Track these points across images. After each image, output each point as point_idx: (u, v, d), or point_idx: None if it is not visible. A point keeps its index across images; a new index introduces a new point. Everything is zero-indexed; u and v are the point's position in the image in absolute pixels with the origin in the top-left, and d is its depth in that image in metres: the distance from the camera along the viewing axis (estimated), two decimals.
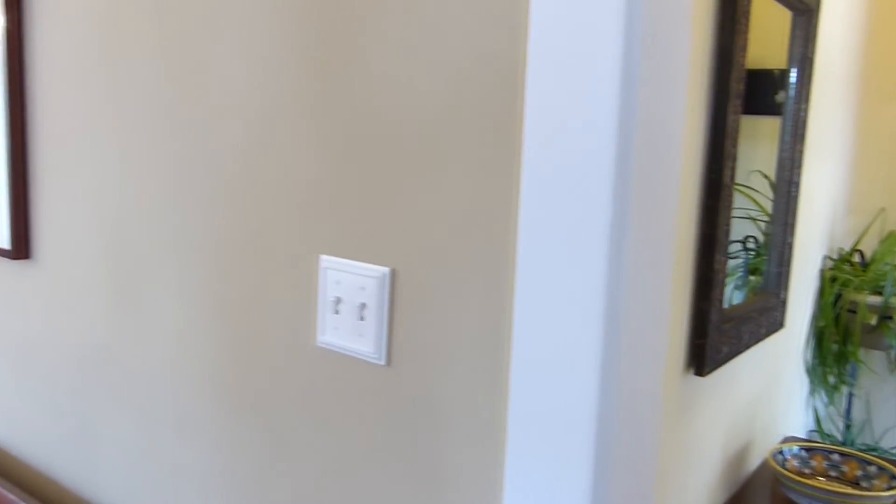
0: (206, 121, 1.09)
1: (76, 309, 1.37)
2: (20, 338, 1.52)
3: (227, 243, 1.08)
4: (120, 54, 1.23)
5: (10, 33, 1.40)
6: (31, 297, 1.48)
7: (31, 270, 1.47)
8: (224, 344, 1.10)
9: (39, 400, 1.49)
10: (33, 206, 1.45)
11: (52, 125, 1.38)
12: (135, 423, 1.27)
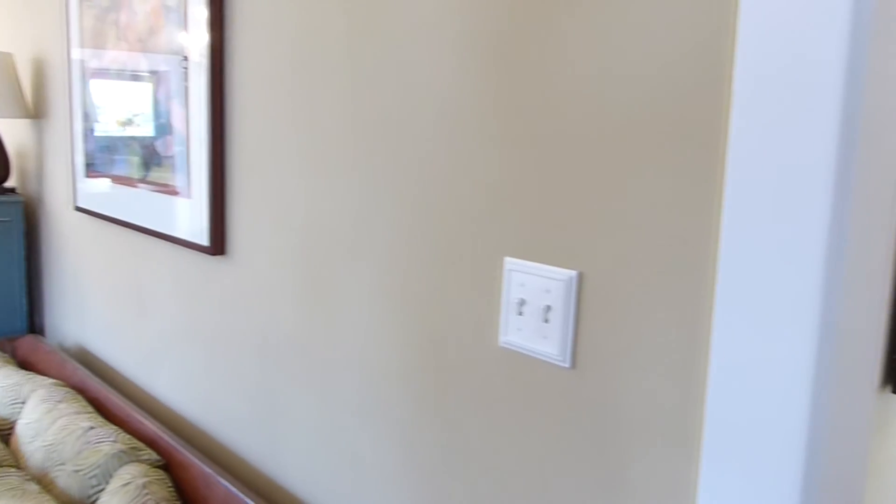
0: (393, 123, 1.14)
1: (266, 301, 1.47)
2: (215, 326, 1.65)
3: (412, 243, 1.12)
4: (311, 65, 1.31)
5: (214, 50, 1.53)
6: (226, 290, 1.60)
7: (225, 265, 1.60)
8: (408, 340, 1.15)
9: (230, 384, 1.60)
10: (229, 206, 1.57)
11: (247, 132, 1.49)
12: (318, 411, 1.35)
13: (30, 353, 2.38)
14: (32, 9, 2.69)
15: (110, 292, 2.17)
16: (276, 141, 1.40)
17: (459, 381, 1.07)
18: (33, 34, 2.68)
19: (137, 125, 1.88)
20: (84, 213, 2.25)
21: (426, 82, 1.08)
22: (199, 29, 1.56)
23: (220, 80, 1.54)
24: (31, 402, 1.88)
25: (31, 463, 1.69)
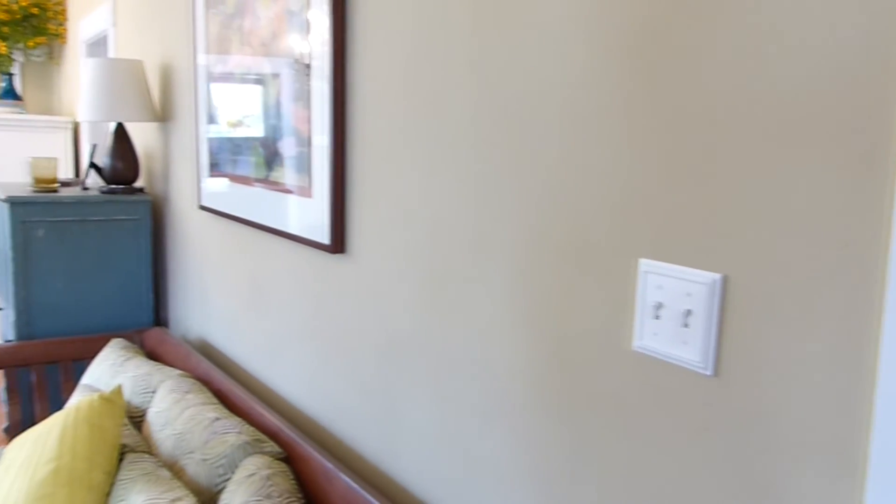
0: (520, 120, 1.12)
1: (385, 299, 1.49)
2: (333, 322, 1.68)
3: (540, 242, 1.10)
4: (433, 63, 1.31)
5: (335, 52, 1.55)
6: (345, 287, 1.63)
7: (345, 263, 1.62)
8: (534, 341, 1.13)
9: (349, 380, 1.63)
10: (348, 205, 1.60)
11: (368, 132, 1.50)
12: (437, 410, 1.35)
13: (157, 345, 2.50)
14: (160, 18, 2.83)
15: (232, 288, 2.25)
16: (398, 139, 1.41)
17: (589, 385, 1.04)
18: (161, 42, 2.82)
19: (258, 127, 1.94)
20: (208, 212, 2.34)
21: (556, 77, 1.06)
22: (321, 32, 1.59)
23: (341, 81, 1.57)
24: (160, 392, 1.97)
25: (161, 450, 1.77)
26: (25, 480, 1.56)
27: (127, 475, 1.60)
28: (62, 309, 2.69)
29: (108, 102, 2.64)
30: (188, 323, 2.68)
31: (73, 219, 2.67)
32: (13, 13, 4.70)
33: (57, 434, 1.61)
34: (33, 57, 5.26)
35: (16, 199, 2.58)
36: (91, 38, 4.03)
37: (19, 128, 4.39)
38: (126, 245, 2.78)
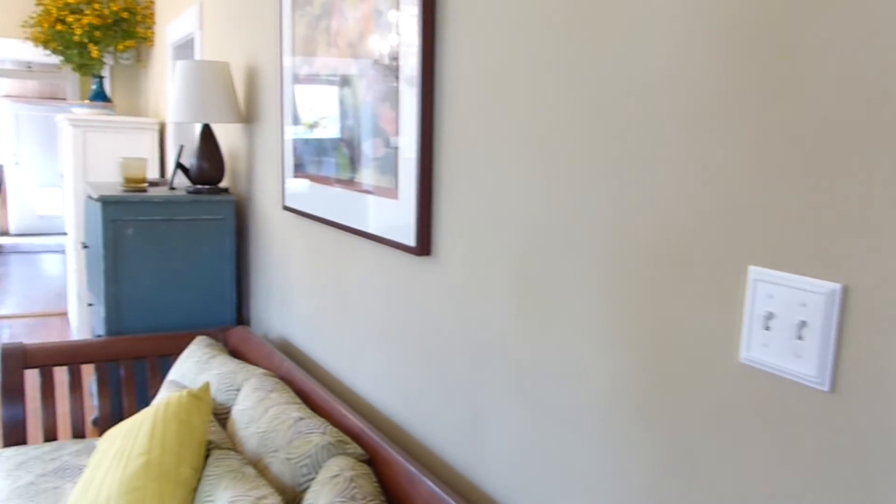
0: (620, 123, 1.09)
1: (472, 303, 1.47)
2: (418, 325, 1.67)
3: (639, 246, 1.07)
4: (526, 63, 1.28)
5: (424, 52, 1.54)
6: (431, 290, 1.61)
7: (431, 265, 1.61)
8: (631, 351, 1.09)
9: (433, 384, 1.62)
10: (436, 207, 1.58)
11: (457, 133, 1.49)
12: (527, 418, 1.32)
13: (240, 343, 2.54)
14: (246, 21, 2.88)
15: (314, 288, 2.27)
16: (488, 140, 1.39)
17: (691, 397, 1.00)
18: (246, 44, 2.87)
19: (343, 128, 1.94)
20: (291, 212, 2.37)
21: (658, 76, 1.02)
22: (409, 32, 1.58)
23: (429, 81, 1.56)
24: (244, 390, 2.00)
25: (246, 447, 1.79)
26: (118, 473, 1.60)
27: (213, 471, 1.62)
28: (149, 306, 2.77)
29: (196, 104, 2.70)
30: (269, 322, 2.72)
31: (161, 218, 2.75)
32: (105, 18, 4.87)
33: (147, 428, 1.65)
34: (122, 60, 5.44)
35: (107, 198, 2.66)
36: (178, 40, 4.15)
37: (108, 129, 4.55)
38: (211, 244, 2.84)
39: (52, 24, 4.84)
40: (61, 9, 4.83)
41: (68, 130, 4.53)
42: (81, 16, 4.83)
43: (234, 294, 2.91)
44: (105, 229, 2.66)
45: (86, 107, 4.70)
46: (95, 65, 5.01)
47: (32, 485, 2.02)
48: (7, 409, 2.30)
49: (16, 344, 2.39)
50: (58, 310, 5.90)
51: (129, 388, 2.48)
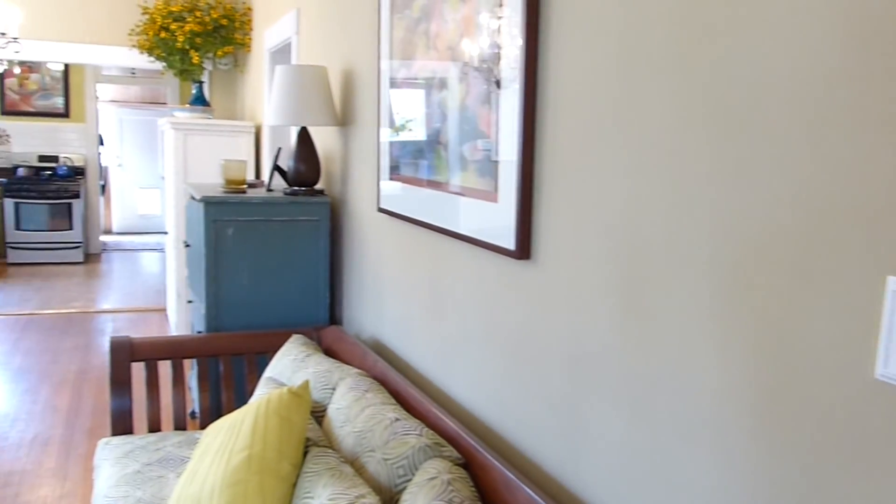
0: (739, 126, 1.04)
1: (574, 308, 1.44)
2: (516, 330, 1.65)
3: (758, 257, 1.02)
4: (636, 63, 1.25)
5: (527, 54, 1.53)
6: (530, 294, 1.59)
7: (530, 269, 1.59)
8: (747, 364, 1.04)
9: (530, 390, 1.60)
10: (536, 210, 1.56)
11: (560, 135, 1.46)
12: (630, 428, 1.28)
13: (333, 343, 2.58)
14: (343, 26, 2.93)
15: (408, 290, 2.28)
16: (593, 142, 1.36)
17: (815, 412, 0.94)
18: (343, 48, 2.91)
19: (441, 131, 1.94)
20: (386, 214, 2.39)
21: (780, 74, 0.97)
22: (512, 34, 1.57)
23: (532, 83, 1.54)
24: (340, 389, 2.03)
25: (342, 446, 1.82)
26: (221, 466, 1.64)
27: (312, 468, 1.65)
28: (246, 304, 2.85)
29: (294, 107, 2.76)
30: (361, 322, 2.75)
31: (259, 219, 2.82)
32: (205, 25, 5.05)
33: (249, 424, 1.69)
34: (221, 65, 5.63)
35: (210, 199, 2.75)
36: (275, 46, 4.26)
37: (207, 132, 4.71)
38: (306, 245, 2.89)
39: (157, 31, 5.05)
40: (165, 17, 5.04)
41: (170, 133, 4.71)
42: (184, 23, 5.01)
43: (328, 294, 2.96)
44: (207, 229, 2.75)
45: (186, 111, 4.88)
46: (196, 70, 5.20)
47: (139, 473, 2.09)
48: (115, 400, 2.40)
49: (123, 338, 2.50)
50: (157, 306, 6.14)
51: (228, 384, 2.55)
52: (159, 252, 8.87)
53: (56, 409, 3.82)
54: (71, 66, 8.45)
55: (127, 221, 10.33)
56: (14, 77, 8.33)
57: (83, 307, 6.04)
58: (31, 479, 3.06)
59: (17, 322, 5.51)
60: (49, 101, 8.53)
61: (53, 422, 3.66)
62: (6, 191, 7.80)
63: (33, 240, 7.87)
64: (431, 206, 2.02)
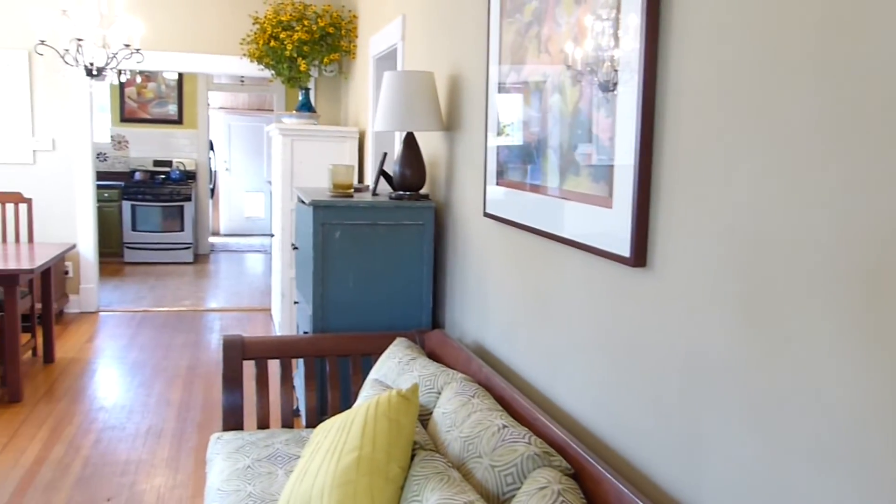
0: (880, 126, 0.98)
1: (693, 319, 1.39)
2: (629, 339, 1.61)
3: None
4: (763, 67, 1.19)
5: (647, 56, 1.49)
6: (645, 302, 1.55)
7: (646, 277, 1.55)
8: (891, 379, 0.98)
9: (643, 401, 1.55)
10: (653, 216, 1.52)
11: (681, 139, 1.42)
12: (757, 447, 1.23)
13: (437, 347, 2.59)
14: (449, 31, 2.94)
15: (513, 295, 2.26)
16: (718, 146, 1.31)
17: None
18: (449, 54, 2.93)
19: (551, 135, 1.92)
20: (491, 219, 2.38)
21: None
22: (630, 36, 1.53)
23: (651, 86, 1.50)
24: (445, 394, 2.03)
25: (448, 450, 1.81)
26: (331, 465, 1.67)
27: (420, 472, 1.65)
28: (351, 306, 2.89)
29: (401, 113, 2.79)
30: (464, 326, 2.75)
31: (365, 222, 2.86)
32: (313, 33, 5.19)
33: (359, 425, 1.71)
34: (326, 72, 5.77)
35: (318, 202, 2.81)
36: (380, 52, 4.33)
37: (313, 137, 4.83)
38: (410, 249, 2.92)
39: (267, 41, 5.22)
40: (275, 27, 5.20)
41: (278, 139, 4.86)
42: (292, 32, 5.17)
43: (431, 298, 2.98)
44: (315, 232, 2.81)
45: (293, 117, 5.02)
46: (303, 77, 5.34)
47: (249, 468, 2.16)
48: (227, 396, 2.49)
49: (236, 336, 2.58)
50: (261, 306, 6.35)
51: (334, 383, 2.60)
52: (263, 253, 9.17)
53: (169, 403, 3.99)
54: (185, 75, 8.86)
55: (233, 223, 10.73)
56: (133, 86, 8.80)
57: (193, 305, 6.31)
58: (146, 469, 3.21)
59: (133, 318, 5.80)
60: (164, 109, 8.97)
61: (166, 414, 3.83)
62: (124, 194, 8.24)
63: (147, 240, 8.28)
64: (540, 211, 1.99)
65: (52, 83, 5.51)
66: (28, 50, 5.44)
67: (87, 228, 5.78)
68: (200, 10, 5.79)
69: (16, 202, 4.81)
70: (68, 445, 3.41)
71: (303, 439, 2.37)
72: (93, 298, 5.93)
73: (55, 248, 4.53)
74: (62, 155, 5.67)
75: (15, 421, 3.68)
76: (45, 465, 3.20)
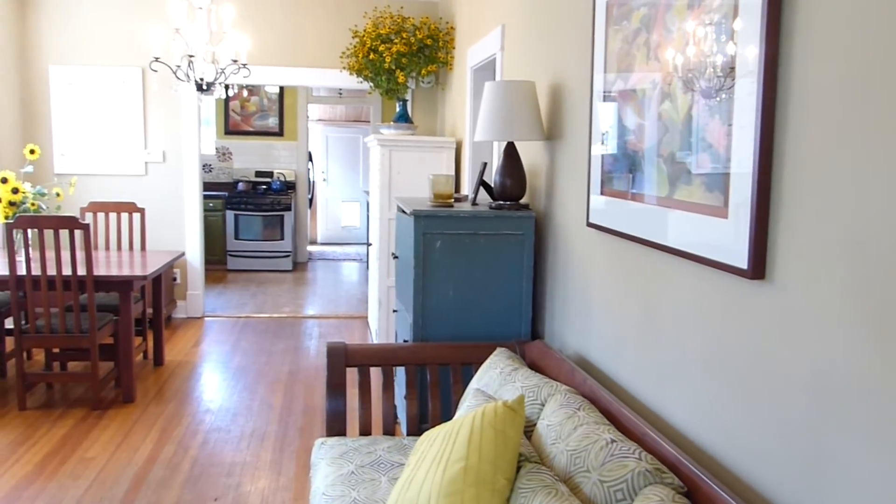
0: None
1: (817, 334, 1.32)
2: (745, 352, 1.55)
3: None
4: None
5: (767, 61, 1.43)
6: (763, 316, 1.49)
7: (764, 290, 1.48)
8: None
9: (762, 420, 1.49)
10: (772, 226, 1.46)
11: (802, 148, 1.35)
12: (887, 466, 1.15)
13: (538, 358, 2.57)
14: (550, 41, 2.92)
15: (618, 307, 2.21)
16: (848, 154, 1.25)
17: None
18: (551, 62, 2.91)
19: (660, 143, 1.87)
20: (595, 229, 2.34)
21: None
22: (749, 39, 1.48)
23: (771, 92, 1.44)
24: (550, 406, 2.00)
25: (554, 463, 1.79)
26: (437, 474, 1.67)
27: (527, 484, 1.63)
28: (451, 315, 2.90)
29: (502, 123, 2.79)
30: (564, 338, 2.71)
31: (466, 232, 2.87)
32: (411, 45, 5.26)
33: (465, 435, 1.71)
34: (423, 84, 5.84)
35: (420, 212, 2.84)
36: (478, 63, 4.34)
37: (411, 148, 4.89)
38: (510, 259, 2.91)
39: (366, 53, 5.33)
40: (374, 40, 5.30)
41: (376, 149, 4.94)
42: (391, 45, 5.25)
43: (530, 308, 2.95)
44: (416, 242, 2.84)
45: (391, 128, 5.10)
46: (401, 89, 5.42)
47: (353, 474, 2.19)
48: (331, 402, 2.53)
49: (339, 344, 2.63)
50: (358, 313, 6.46)
51: (435, 392, 2.61)
52: (358, 262, 9.34)
53: (271, 407, 4.11)
54: (285, 89, 9.14)
55: (330, 232, 10.98)
56: (237, 100, 9.15)
57: (292, 312, 6.48)
58: (250, 471, 3.30)
59: (236, 324, 6.00)
60: (265, 121, 9.28)
61: (269, 418, 3.94)
62: (227, 203, 8.55)
63: (249, 248, 8.57)
64: (648, 221, 1.95)
65: (163, 98, 5.78)
66: (142, 67, 5.73)
67: (194, 237, 6.03)
68: (303, 25, 5.97)
69: (130, 212, 5.06)
70: (178, 445, 3.55)
71: (404, 447, 2.39)
72: (199, 304, 6.18)
73: (166, 256, 4.74)
74: (172, 166, 5.94)
75: (129, 420, 3.86)
76: (156, 463, 3.34)
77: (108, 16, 5.74)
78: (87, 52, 5.76)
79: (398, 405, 3.22)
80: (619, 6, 2.15)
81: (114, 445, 3.53)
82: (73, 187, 4.67)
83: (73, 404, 4.07)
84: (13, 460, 3.34)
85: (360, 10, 5.89)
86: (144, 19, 5.66)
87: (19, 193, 4.12)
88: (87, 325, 3.96)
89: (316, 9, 5.97)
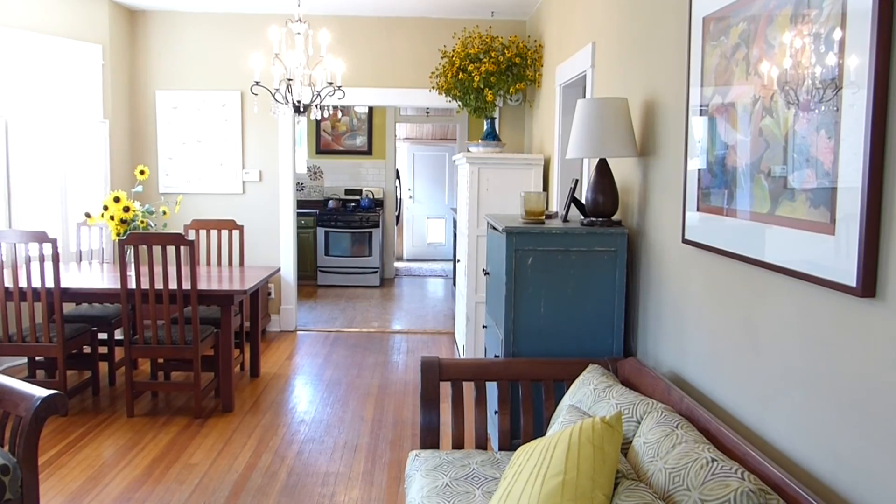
0: None
1: None
2: (855, 373, 1.51)
3: None
4: None
5: (878, 74, 1.40)
6: (873, 335, 1.45)
7: (874, 308, 1.45)
8: None
9: (875, 442, 1.44)
10: (883, 243, 1.42)
11: None
12: None
13: (632, 375, 2.55)
14: (642, 57, 2.92)
15: (716, 325, 2.18)
16: None
17: None
18: (644, 79, 2.90)
19: (762, 158, 1.85)
20: (691, 246, 2.32)
21: None
22: (858, 51, 1.45)
23: (882, 105, 1.41)
24: (646, 423, 1.99)
25: (652, 481, 1.78)
26: (535, 488, 1.68)
27: (625, 501, 1.63)
28: (542, 331, 2.91)
29: (595, 140, 2.80)
30: (658, 355, 2.68)
31: (557, 249, 2.88)
32: (499, 64, 5.31)
33: (563, 449, 1.72)
34: (511, 102, 5.88)
35: (512, 229, 2.87)
36: (567, 80, 4.36)
37: (499, 165, 4.93)
38: (602, 276, 2.90)
39: (455, 73, 5.41)
40: (463, 59, 5.38)
41: (465, 167, 5.00)
42: (480, 64, 5.32)
43: (622, 325, 2.94)
44: (508, 258, 2.87)
45: (479, 146, 5.15)
46: (489, 107, 5.48)
47: (448, 487, 2.22)
48: (425, 415, 2.58)
49: (433, 358, 2.68)
50: (444, 329, 6.51)
51: (527, 407, 2.62)
52: (444, 278, 9.42)
53: (363, 419, 4.19)
54: (374, 109, 9.35)
55: (416, 249, 11.12)
56: (328, 120, 9.41)
57: (380, 327, 6.59)
58: (344, 481, 3.38)
59: (327, 338, 6.15)
60: (354, 141, 9.50)
61: (361, 430, 4.02)
62: (318, 220, 8.79)
63: (339, 264, 8.77)
64: (748, 237, 1.92)
65: (261, 120, 6.02)
66: (241, 90, 5.98)
67: (288, 253, 6.23)
68: (395, 47, 6.12)
69: (230, 229, 5.27)
70: (274, 455, 3.67)
71: (497, 461, 2.40)
72: (292, 318, 6.36)
73: (263, 271, 4.91)
74: (268, 186, 6.16)
75: (228, 429, 4.01)
76: (255, 471, 3.46)
77: (211, 43, 6.03)
78: (190, 78, 6.06)
79: (489, 420, 3.24)
80: (717, 22, 2.13)
81: (215, 452, 3.68)
82: (179, 206, 4.90)
83: (177, 412, 4.26)
84: (124, 463, 3.53)
85: (449, 30, 6.00)
86: (245, 45, 5.92)
87: (130, 212, 4.36)
88: (191, 337, 4.14)
89: (409, 30, 6.11)
